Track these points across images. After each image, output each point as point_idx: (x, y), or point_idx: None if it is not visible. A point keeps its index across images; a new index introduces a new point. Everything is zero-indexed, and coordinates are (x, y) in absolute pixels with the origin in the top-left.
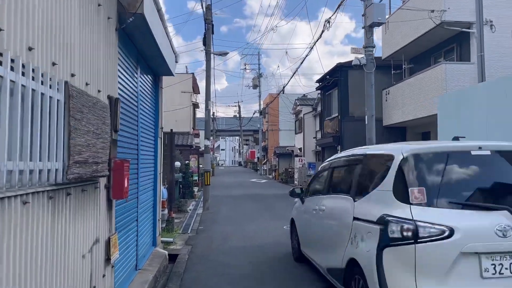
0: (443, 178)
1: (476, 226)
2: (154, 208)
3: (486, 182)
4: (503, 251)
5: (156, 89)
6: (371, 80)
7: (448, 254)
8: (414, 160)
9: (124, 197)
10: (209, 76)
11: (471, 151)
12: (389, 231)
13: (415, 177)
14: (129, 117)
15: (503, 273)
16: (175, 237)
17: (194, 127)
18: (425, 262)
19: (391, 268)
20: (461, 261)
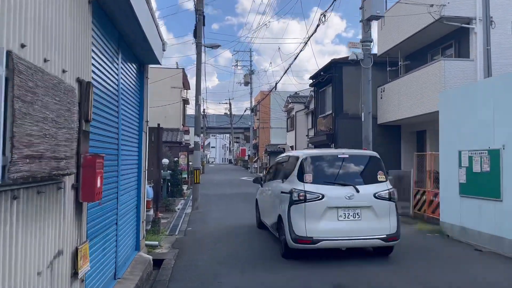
0: (321, 169)
1: (336, 193)
2: (138, 209)
3: (343, 171)
4: (348, 206)
5: (141, 78)
6: (368, 75)
7: (321, 207)
8: (307, 160)
9: (96, 199)
10: (200, 70)
11: (338, 155)
12: (293, 196)
13: (308, 168)
14: (108, 107)
15: (349, 218)
16: (161, 240)
17: (184, 124)
18: (309, 211)
19: (294, 215)
20: (328, 211)
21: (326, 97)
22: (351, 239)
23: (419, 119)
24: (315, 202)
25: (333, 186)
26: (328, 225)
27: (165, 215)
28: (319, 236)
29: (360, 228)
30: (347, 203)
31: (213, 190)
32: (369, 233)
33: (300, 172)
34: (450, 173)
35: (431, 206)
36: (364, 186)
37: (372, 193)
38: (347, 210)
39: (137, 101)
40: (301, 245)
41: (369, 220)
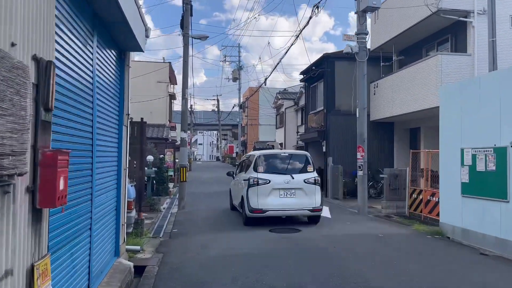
0: (269, 163)
1: (278, 179)
2: (118, 211)
3: (284, 165)
4: (286, 188)
5: (122, 66)
6: (364, 69)
7: (268, 188)
8: (260, 157)
9: (58, 205)
10: (187, 62)
11: (281, 154)
12: (250, 182)
13: (260, 163)
14: (79, 95)
15: (287, 196)
16: (144, 243)
17: (170, 120)
18: (261, 191)
19: (250, 194)
20: (273, 191)
21: (317, 93)
22: (288, 210)
23: (413, 116)
24: (264, 185)
25: (277, 174)
26: (273, 200)
27: (149, 215)
28: (267, 208)
29: (294, 202)
30: (286, 186)
31: (201, 188)
32: (300, 206)
33: (255, 165)
34: (451, 172)
35: (428, 206)
36: (297, 174)
37: (303, 179)
38: (286, 191)
39: (116, 91)
40: (255, 214)
41: (300, 197)
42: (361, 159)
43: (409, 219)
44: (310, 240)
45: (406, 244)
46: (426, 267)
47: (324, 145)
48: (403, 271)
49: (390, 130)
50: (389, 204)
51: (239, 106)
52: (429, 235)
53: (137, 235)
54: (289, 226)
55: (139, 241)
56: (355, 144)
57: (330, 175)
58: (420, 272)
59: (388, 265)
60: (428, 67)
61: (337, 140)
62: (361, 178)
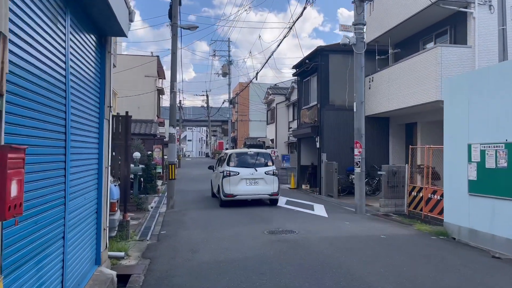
0: (238, 159)
1: (245, 172)
2: (99, 214)
3: (251, 160)
4: (251, 178)
5: (102, 53)
6: (361, 62)
7: (238, 179)
8: (232, 154)
9: (8, 216)
10: (175, 54)
11: (247, 152)
12: (224, 173)
13: (232, 159)
14: (46, 80)
15: (251, 184)
16: (129, 248)
17: (158, 115)
18: (232, 181)
19: (224, 183)
20: (241, 181)
21: (310, 87)
22: (253, 194)
23: (408, 111)
24: (235, 176)
25: (244, 168)
26: (241, 187)
27: (136, 215)
28: (237, 193)
29: (257, 189)
30: (251, 176)
31: (190, 185)
32: (262, 191)
33: (228, 161)
34: (457, 169)
35: (429, 204)
36: (260, 168)
37: (264, 171)
38: (251, 180)
39: (96, 80)
40: (227, 198)
41: (262, 185)
42: (359, 155)
43: (409, 218)
44: (309, 243)
45: (411, 246)
46: (437, 273)
47: (317, 141)
48: (414, 278)
49: (385, 125)
50: (387, 202)
51: (229, 101)
52: (433, 236)
53: (122, 238)
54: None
55: (124, 246)
56: (349, 140)
57: (324, 171)
58: (433, 279)
59: (397, 271)
60: (427, 60)
61: (331, 135)
62: (359, 175)
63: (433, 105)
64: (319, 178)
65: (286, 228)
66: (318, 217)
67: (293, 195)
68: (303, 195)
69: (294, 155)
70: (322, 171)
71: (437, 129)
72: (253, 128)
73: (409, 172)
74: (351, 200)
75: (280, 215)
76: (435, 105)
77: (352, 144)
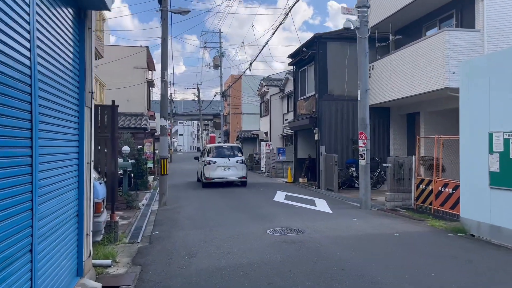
0: (216, 151)
1: (221, 161)
2: (80, 217)
3: (225, 152)
4: (226, 165)
5: (81, 29)
6: (365, 47)
7: (215, 166)
8: (211, 148)
9: None
10: (166, 40)
11: (223, 146)
12: (205, 163)
13: (211, 151)
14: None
15: (226, 170)
16: (118, 253)
17: (149, 108)
18: (211, 168)
19: (205, 170)
20: (218, 167)
21: (307, 77)
22: (227, 178)
23: (411, 100)
24: (213, 164)
25: (220, 158)
26: (218, 173)
27: (126, 213)
28: (214, 177)
29: (230, 173)
30: (225, 164)
31: (183, 180)
32: (234, 176)
33: (208, 153)
34: (476, 160)
35: (439, 198)
36: (232, 158)
37: (235, 160)
38: (225, 167)
39: (74, 61)
40: (207, 181)
41: (234, 171)
42: (363, 146)
43: (417, 212)
44: (319, 245)
45: (431, 246)
46: (473, 278)
47: (316, 133)
48: (450, 286)
49: (385, 116)
50: (393, 196)
51: (221, 94)
52: (450, 233)
53: (109, 241)
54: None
55: (111, 251)
56: (348, 131)
57: (323, 164)
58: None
59: (428, 279)
60: (434, 45)
61: (330, 127)
62: (364, 168)
63: (439, 94)
64: (317, 172)
65: (291, 226)
66: (322, 213)
67: (291, 189)
68: (302, 190)
69: (289, 148)
70: (321, 164)
71: (442, 119)
72: (246, 121)
73: (417, 164)
74: (352, 193)
75: (281, 212)
76: (441, 94)
77: (352, 135)
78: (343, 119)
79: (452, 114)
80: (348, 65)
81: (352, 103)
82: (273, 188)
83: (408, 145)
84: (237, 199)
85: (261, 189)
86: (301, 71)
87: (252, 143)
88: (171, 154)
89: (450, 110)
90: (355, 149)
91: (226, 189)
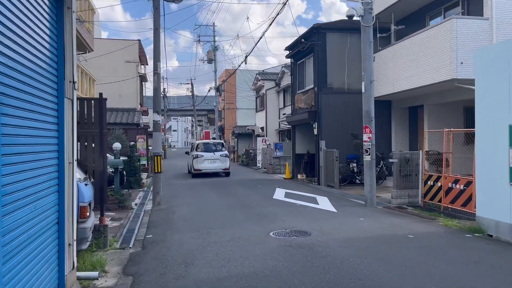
0: (203, 146)
1: (208, 154)
2: (61, 225)
3: (211, 147)
4: (211, 158)
5: (59, 9)
6: (370, 36)
7: (203, 159)
8: (199, 144)
9: None
10: (158, 30)
11: (210, 142)
12: (193, 156)
13: (199, 146)
14: None
15: (212, 163)
16: (107, 262)
17: (142, 104)
18: (199, 161)
19: (194, 162)
20: (205, 160)
21: (306, 70)
22: (213, 169)
23: (414, 93)
24: (201, 157)
25: (207, 152)
26: (205, 165)
27: (118, 214)
28: (202, 168)
29: (215, 165)
30: (211, 157)
31: (177, 178)
32: (218, 167)
33: (197, 148)
34: (493, 155)
35: (450, 194)
36: (217, 152)
37: (220, 154)
38: (211, 160)
39: (51, 45)
40: (196, 172)
41: (219, 163)
42: (368, 141)
43: (426, 210)
44: (329, 249)
45: (450, 249)
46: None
47: (315, 127)
48: None
49: (386, 109)
50: (400, 193)
51: (216, 89)
52: (467, 234)
53: (99, 247)
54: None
55: (100, 259)
56: (349, 126)
57: (323, 160)
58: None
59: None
60: (440, 34)
61: (330, 121)
62: (369, 164)
63: (444, 85)
64: (317, 167)
65: (295, 228)
66: (326, 212)
67: (290, 186)
68: (301, 186)
69: (286, 143)
70: (320, 160)
71: (446, 112)
72: (241, 116)
73: (424, 160)
74: (354, 190)
75: (283, 211)
76: (447, 85)
77: (352, 130)
78: (343, 113)
79: (457, 106)
80: (348, 57)
81: (352, 96)
82: (271, 185)
83: (410, 140)
84: (235, 197)
85: (259, 186)
86: (299, 64)
87: (248, 138)
88: (165, 150)
89: (455, 103)
90: (356, 144)
91: (222, 186)
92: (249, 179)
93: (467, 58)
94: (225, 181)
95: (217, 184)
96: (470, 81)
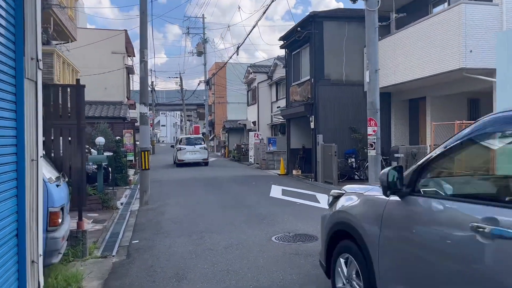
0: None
1: (189, 147)
2: (21, 239)
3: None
4: (193, 151)
5: None
6: (375, 21)
7: (185, 151)
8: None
9: None
10: (145, 13)
11: (191, 137)
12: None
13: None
14: None
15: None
16: (84, 276)
17: (129, 97)
18: (181, 152)
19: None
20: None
21: (301, 61)
22: (194, 160)
23: (415, 84)
24: (183, 150)
25: (189, 145)
26: (187, 156)
27: (101, 215)
28: (184, 159)
29: (196, 156)
30: (192, 149)
31: (166, 174)
32: (199, 158)
33: (180, 142)
34: None
35: None
36: (197, 145)
37: (199, 147)
38: (192, 152)
39: (7, 11)
40: (179, 162)
41: (199, 154)
42: (373, 134)
43: None
44: None
45: None
46: None
47: (312, 121)
48: None
49: (386, 102)
50: None
51: (205, 82)
52: None
53: (76, 256)
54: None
55: (76, 273)
56: (347, 119)
57: (320, 155)
58: None
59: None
60: (447, 21)
61: (327, 114)
62: (374, 159)
63: (451, 76)
64: (314, 163)
65: (299, 230)
66: None
67: (286, 183)
68: (298, 183)
69: (279, 138)
70: (318, 155)
71: (450, 104)
72: (232, 110)
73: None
74: None
75: (282, 211)
76: (454, 75)
77: (351, 123)
78: (341, 106)
79: (462, 98)
80: (346, 47)
81: (350, 88)
82: (266, 182)
83: (410, 133)
84: (229, 195)
85: (253, 183)
86: (294, 54)
87: (239, 133)
88: (153, 145)
89: (460, 94)
90: (355, 137)
91: (215, 184)
92: (242, 176)
93: (476, 46)
94: (218, 178)
95: (209, 181)
96: (480, 71)
